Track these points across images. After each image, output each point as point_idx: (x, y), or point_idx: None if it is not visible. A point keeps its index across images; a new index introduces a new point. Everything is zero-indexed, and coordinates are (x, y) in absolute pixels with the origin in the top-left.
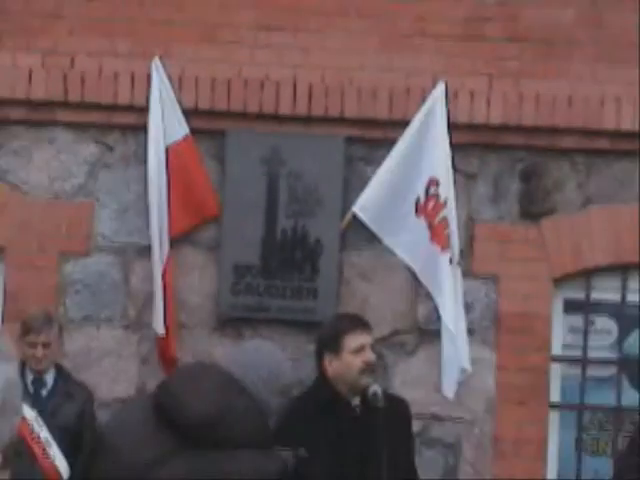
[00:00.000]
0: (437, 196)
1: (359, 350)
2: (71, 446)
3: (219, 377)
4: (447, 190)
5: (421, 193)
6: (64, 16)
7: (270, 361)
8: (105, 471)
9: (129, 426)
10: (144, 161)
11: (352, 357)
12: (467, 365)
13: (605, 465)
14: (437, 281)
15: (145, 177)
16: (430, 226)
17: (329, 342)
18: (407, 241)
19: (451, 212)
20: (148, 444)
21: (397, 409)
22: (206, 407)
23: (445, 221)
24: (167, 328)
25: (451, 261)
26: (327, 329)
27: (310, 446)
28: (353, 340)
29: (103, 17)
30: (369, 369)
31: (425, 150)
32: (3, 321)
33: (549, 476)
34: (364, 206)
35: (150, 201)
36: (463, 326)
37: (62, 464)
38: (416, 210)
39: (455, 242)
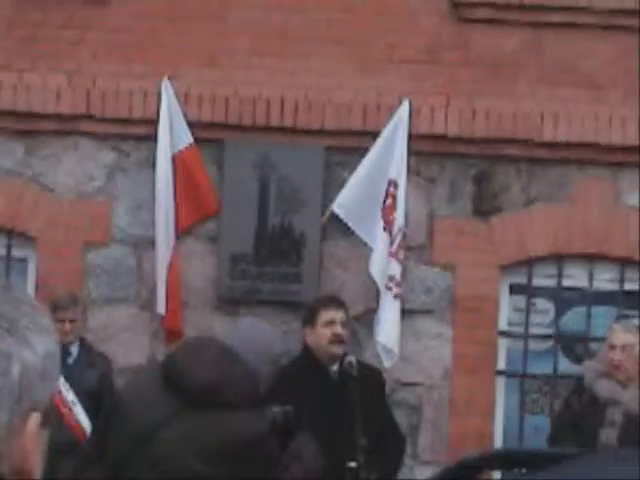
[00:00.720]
0: (394, 195)
1: (329, 323)
2: (92, 407)
3: (218, 349)
4: (402, 190)
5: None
6: (87, 43)
7: (262, 336)
8: (120, 429)
9: (140, 391)
10: (154, 166)
11: (323, 329)
12: (391, 345)
13: (544, 422)
14: (382, 267)
15: (154, 179)
16: (385, 217)
17: (308, 316)
18: (377, 234)
19: (401, 207)
20: (156, 406)
21: (372, 376)
22: (207, 375)
23: (395, 212)
24: (174, 308)
25: (392, 243)
26: (308, 306)
27: (295, 405)
28: (325, 315)
29: (120, 44)
30: (337, 340)
31: (390, 157)
32: None
33: (496, 432)
34: (341, 204)
35: (157, 200)
36: (397, 305)
37: (85, 422)
38: (384, 208)
39: (398, 230)
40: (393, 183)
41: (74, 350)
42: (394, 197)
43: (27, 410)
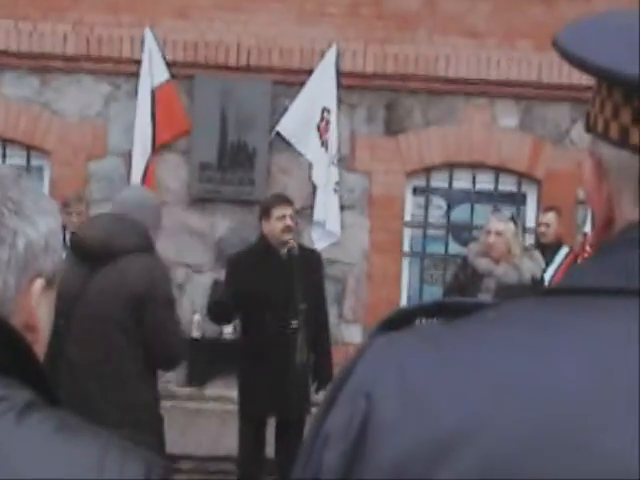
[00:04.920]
0: (328, 119)
1: (282, 218)
2: None
3: (106, 216)
4: (333, 115)
5: (318, 117)
6: None
7: (139, 195)
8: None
9: (67, 267)
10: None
11: (277, 222)
12: (336, 229)
13: (438, 291)
14: (320, 167)
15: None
16: (321, 136)
17: (264, 212)
18: (312, 149)
19: (334, 127)
20: (75, 274)
21: (312, 256)
22: (97, 234)
23: (328, 132)
24: None
25: (331, 156)
26: (264, 203)
27: (253, 279)
28: (278, 211)
29: (113, 1)
30: (287, 230)
31: (322, 89)
32: None
33: (403, 299)
34: (284, 126)
35: (137, 122)
36: (335, 200)
37: None
38: (318, 129)
39: (332, 145)
40: (326, 110)
41: None
42: (328, 121)
43: (32, 276)
